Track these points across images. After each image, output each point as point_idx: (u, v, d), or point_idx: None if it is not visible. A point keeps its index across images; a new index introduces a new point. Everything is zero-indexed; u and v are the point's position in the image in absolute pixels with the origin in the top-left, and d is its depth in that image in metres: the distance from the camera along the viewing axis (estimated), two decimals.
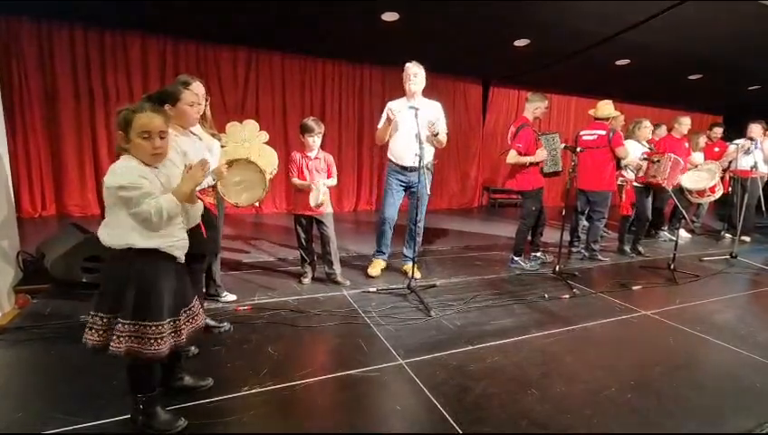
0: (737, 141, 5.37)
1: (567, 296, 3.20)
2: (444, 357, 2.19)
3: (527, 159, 3.74)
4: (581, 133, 4.34)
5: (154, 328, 1.45)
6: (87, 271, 2.84)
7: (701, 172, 4.81)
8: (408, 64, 3.30)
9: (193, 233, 2.02)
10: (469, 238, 5.29)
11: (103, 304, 1.46)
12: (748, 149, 5.13)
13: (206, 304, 2.62)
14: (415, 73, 3.28)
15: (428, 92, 3.44)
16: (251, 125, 2.62)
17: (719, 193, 4.99)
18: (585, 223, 4.57)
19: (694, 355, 2.39)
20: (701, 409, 1.85)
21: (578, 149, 3.65)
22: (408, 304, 2.91)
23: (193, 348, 2.11)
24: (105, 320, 1.45)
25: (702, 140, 5.49)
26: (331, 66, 6.68)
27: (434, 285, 3.31)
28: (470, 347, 2.31)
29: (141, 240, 1.45)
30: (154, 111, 1.48)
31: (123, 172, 1.41)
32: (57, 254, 2.83)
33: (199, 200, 1.68)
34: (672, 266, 3.84)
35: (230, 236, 4.71)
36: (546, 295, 3.18)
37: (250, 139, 2.60)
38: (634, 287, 3.48)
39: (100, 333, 1.45)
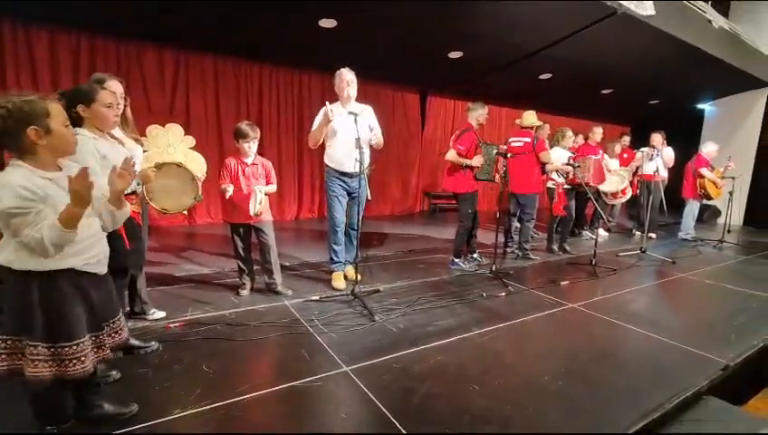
0: (643, 149, 6.04)
1: (503, 294, 3.36)
2: (388, 360, 2.19)
3: (465, 161, 3.90)
4: (510, 140, 4.63)
5: (74, 347, 1.32)
6: None
7: (613, 177, 5.33)
8: (343, 70, 3.30)
9: (113, 245, 1.85)
10: (411, 243, 5.38)
11: (6, 325, 1.30)
12: (652, 156, 5.79)
13: (131, 324, 2.39)
14: (352, 79, 3.29)
15: (369, 100, 3.48)
16: (175, 129, 2.45)
17: (629, 195, 5.57)
18: (517, 224, 4.86)
19: (615, 341, 2.62)
20: (622, 389, 2.02)
21: (508, 155, 3.89)
22: (352, 311, 2.88)
23: (114, 372, 1.91)
24: (9, 342, 1.30)
25: (618, 148, 6.10)
26: (268, 71, 6.49)
27: (377, 290, 3.32)
28: (414, 349, 2.34)
29: (50, 262, 1.27)
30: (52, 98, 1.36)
31: (9, 192, 1.18)
32: None
33: (127, 204, 1.54)
34: (593, 262, 4.21)
35: (159, 249, 4.37)
36: (484, 294, 3.32)
37: (174, 143, 2.43)
38: (562, 283, 3.75)
39: (3, 356, 1.30)
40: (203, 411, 1.70)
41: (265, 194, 3.01)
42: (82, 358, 1.33)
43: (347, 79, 3.27)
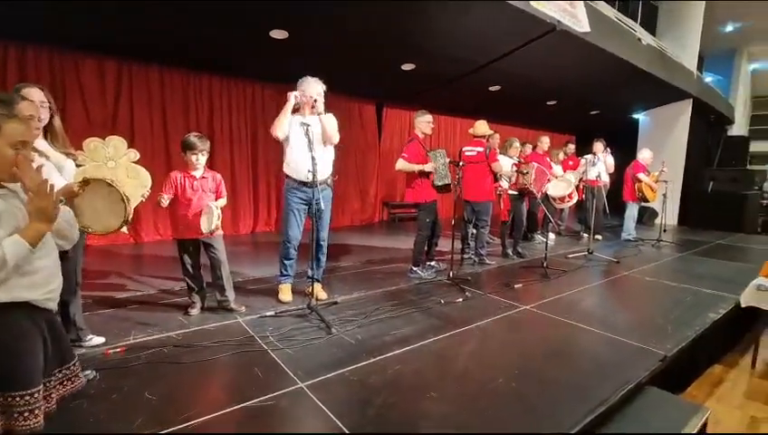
0: (586, 156, 6.42)
1: (460, 300, 3.41)
2: (345, 373, 2.15)
3: (415, 167, 3.98)
4: (464, 149, 4.76)
5: (27, 398, 1.17)
6: None
7: (560, 182, 5.62)
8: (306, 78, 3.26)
9: None
10: (370, 253, 5.37)
11: None
12: (594, 162, 6.17)
13: None
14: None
15: (325, 111, 3.42)
16: (115, 141, 2.29)
17: (575, 199, 5.87)
18: (473, 231, 4.98)
19: (564, 340, 2.73)
20: (572, 385, 2.09)
21: (460, 164, 3.99)
22: (309, 324, 2.81)
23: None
24: None
25: (561, 155, 6.45)
26: (218, 81, 6.30)
27: (335, 302, 3.27)
28: (371, 360, 2.31)
29: (1, 294, 1.14)
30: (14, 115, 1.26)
31: None
32: None
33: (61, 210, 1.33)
34: (545, 265, 4.39)
35: (101, 271, 4.07)
36: (442, 301, 3.36)
37: (115, 157, 2.28)
38: (516, 286, 3.87)
39: None
40: None
41: (219, 209, 2.89)
42: (36, 411, 1.18)
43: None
